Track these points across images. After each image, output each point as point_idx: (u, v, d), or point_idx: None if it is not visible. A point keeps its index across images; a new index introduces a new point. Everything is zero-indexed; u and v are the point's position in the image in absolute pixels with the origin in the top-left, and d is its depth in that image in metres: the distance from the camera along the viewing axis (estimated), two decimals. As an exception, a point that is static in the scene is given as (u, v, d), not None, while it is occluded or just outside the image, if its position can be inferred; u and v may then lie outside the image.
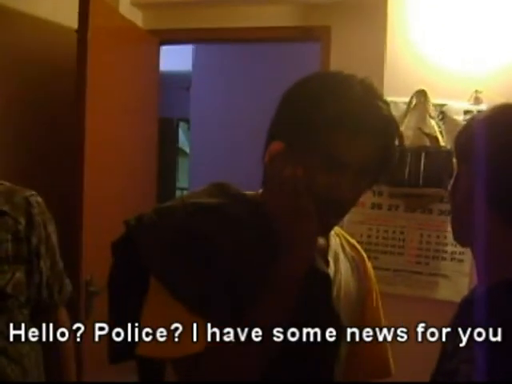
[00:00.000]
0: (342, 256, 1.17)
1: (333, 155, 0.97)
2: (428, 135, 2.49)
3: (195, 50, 4.83)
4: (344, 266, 1.16)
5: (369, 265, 1.25)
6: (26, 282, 1.40)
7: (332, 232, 1.15)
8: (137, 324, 0.99)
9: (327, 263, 1.11)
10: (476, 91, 2.46)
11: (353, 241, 1.25)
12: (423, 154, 2.44)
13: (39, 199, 1.49)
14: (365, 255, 1.25)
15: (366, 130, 0.97)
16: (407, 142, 2.45)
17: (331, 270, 1.10)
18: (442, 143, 2.46)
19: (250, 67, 4.43)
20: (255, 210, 1.04)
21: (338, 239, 1.19)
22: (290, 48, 3.74)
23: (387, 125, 1.01)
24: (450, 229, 1.06)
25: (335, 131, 0.96)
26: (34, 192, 1.49)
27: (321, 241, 1.10)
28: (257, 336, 0.92)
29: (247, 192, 1.11)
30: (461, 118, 2.49)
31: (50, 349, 1.46)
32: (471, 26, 2.46)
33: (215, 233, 0.97)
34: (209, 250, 0.96)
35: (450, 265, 2.47)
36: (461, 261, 2.49)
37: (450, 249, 2.50)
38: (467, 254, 2.45)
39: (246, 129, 4.40)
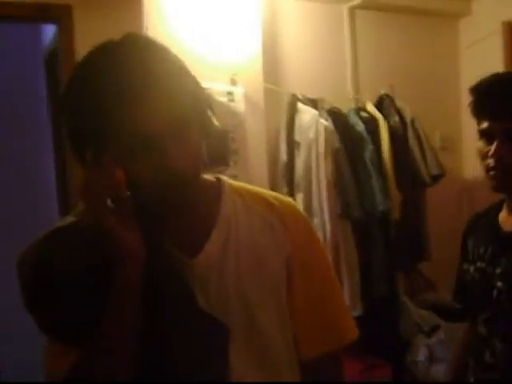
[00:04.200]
0: (243, 218, 1.03)
1: (135, 140, 0.88)
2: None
3: None
4: (246, 229, 1.03)
5: (295, 220, 1.08)
6: None
7: (228, 195, 1.04)
8: None
9: (208, 237, 1.00)
10: (233, 75, 2.72)
11: (269, 195, 1.09)
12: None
13: None
14: (289, 209, 1.09)
15: (135, 92, 0.86)
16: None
17: (215, 242, 1.00)
18: (216, 123, 2.63)
19: None
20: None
21: (239, 200, 1.05)
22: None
23: (160, 77, 0.89)
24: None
25: (111, 118, 0.87)
26: None
27: (205, 210, 1.02)
28: (109, 349, 0.91)
29: None
30: (225, 99, 2.71)
31: None
32: (225, 18, 2.71)
33: (59, 262, 0.93)
34: (57, 280, 0.93)
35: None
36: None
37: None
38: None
39: None
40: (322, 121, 2.69)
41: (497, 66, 3.48)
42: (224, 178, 1.09)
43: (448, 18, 3.63)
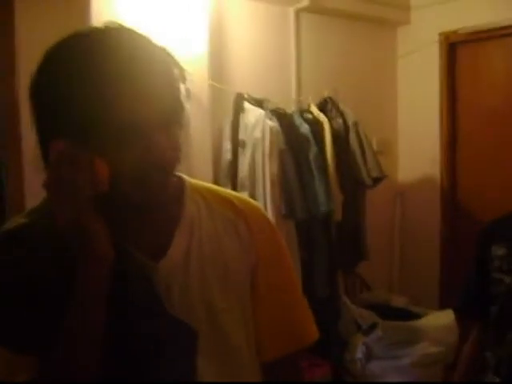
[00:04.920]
0: (206, 221, 1.01)
1: (123, 129, 0.84)
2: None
3: None
4: (210, 232, 1.01)
5: (260, 222, 1.07)
6: None
7: (190, 195, 1.01)
8: None
9: (170, 240, 0.97)
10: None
11: (233, 197, 1.07)
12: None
13: None
14: (253, 211, 1.07)
15: (134, 82, 0.84)
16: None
17: (178, 246, 0.97)
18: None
19: None
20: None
21: (201, 201, 1.02)
22: None
23: (151, 62, 0.88)
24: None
25: (108, 99, 0.83)
26: None
27: (168, 212, 0.99)
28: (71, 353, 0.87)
29: None
30: (170, 96, 2.68)
31: None
32: (172, 15, 2.66)
33: (10, 262, 0.89)
34: (8, 282, 0.88)
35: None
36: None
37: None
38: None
39: None
40: (268, 121, 2.70)
41: (433, 75, 3.63)
42: (184, 176, 1.06)
43: (387, 26, 3.75)
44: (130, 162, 0.86)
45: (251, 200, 1.13)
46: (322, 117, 2.95)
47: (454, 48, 3.56)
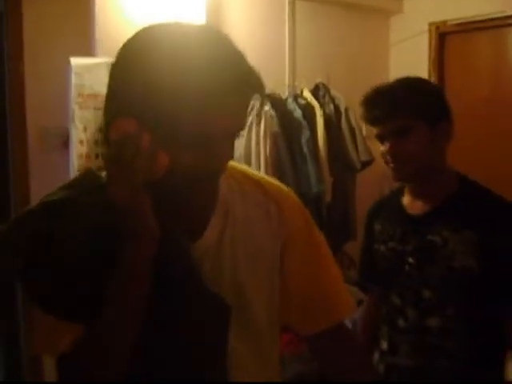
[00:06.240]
0: (239, 204, 1.05)
1: (197, 130, 0.85)
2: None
3: None
4: (242, 216, 1.04)
5: (290, 205, 1.11)
6: None
7: (224, 179, 1.02)
8: None
9: (206, 223, 1.01)
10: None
11: (265, 181, 1.11)
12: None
13: None
14: (283, 195, 1.11)
15: (226, 88, 0.84)
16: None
17: (213, 228, 1.01)
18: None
19: None
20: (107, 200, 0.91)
21: (235, 185, 1.06)
22: None
23: (246, 72, 0.91)
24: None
25: (188, 101, 0.83)
26: None
27: (205, 196, 1.00)
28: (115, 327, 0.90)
29: None
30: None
31: None
32: (169, 3, 2.75)
33: (58, 231, 0.91)
34: (54, 249, 0.90)
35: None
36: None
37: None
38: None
39: None
40: (263, 105, 2.82)
41: (423, 64, 3.74)
42: None
43: (380, 15, 3.85)
44: (191, 164, 0.87)
45: (283, 185, 1.16)
46: (314, 102, 3.07)
47: (444, 38, 3.68)
